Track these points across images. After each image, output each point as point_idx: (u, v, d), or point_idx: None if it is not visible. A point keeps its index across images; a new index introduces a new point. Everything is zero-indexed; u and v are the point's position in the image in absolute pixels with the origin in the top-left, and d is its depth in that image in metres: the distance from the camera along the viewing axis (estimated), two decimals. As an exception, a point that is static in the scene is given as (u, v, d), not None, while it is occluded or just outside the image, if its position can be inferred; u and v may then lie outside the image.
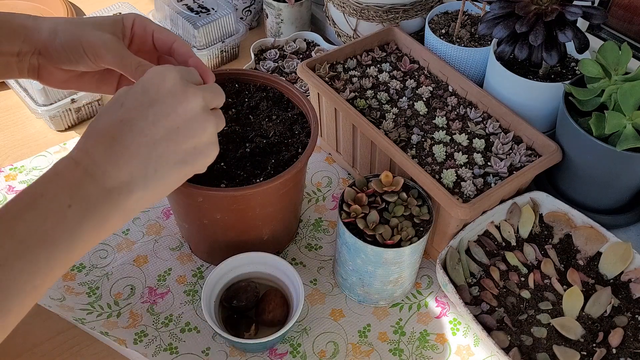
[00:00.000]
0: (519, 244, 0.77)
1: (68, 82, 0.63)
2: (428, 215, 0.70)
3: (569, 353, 0.67)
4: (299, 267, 0.80)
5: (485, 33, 0.81)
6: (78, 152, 0.47)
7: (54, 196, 0.44)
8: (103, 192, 0.45)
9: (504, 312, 0.71)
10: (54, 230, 0.43)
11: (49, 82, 0.62)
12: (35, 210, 0.43)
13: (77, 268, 0.79)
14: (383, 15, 0.97)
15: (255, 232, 0.74)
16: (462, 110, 0.85)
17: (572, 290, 0.71)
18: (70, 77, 0.62)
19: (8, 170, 0.91)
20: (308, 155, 0.70)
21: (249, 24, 1.18)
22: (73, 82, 0.63)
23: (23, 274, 0.42)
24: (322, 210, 0.88)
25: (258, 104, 0.78)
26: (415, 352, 0.72)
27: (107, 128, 0.47)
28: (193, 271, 0.79)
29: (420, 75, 0.91)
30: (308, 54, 1.07)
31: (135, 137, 0.47)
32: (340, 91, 0.86)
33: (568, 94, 0.77)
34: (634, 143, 0.70)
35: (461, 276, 0.73)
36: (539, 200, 0.79)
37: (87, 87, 0.64)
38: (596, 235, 0.76)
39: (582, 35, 0.77)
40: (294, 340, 0.73)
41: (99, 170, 0.46)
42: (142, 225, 0.84)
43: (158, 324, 0.74)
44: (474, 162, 0.77)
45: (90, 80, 0.64)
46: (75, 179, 0.45)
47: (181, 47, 0.60)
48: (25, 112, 1.00)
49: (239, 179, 0.69)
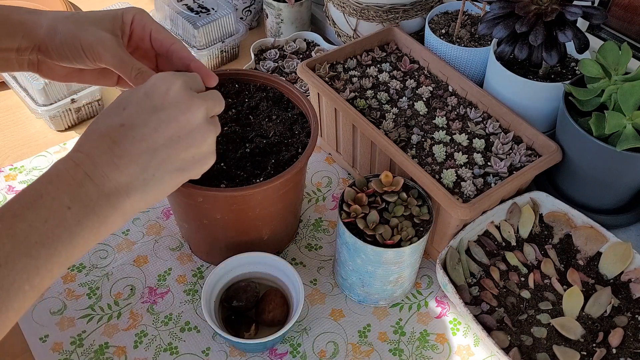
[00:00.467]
0: (519, 244, 0.77)
1: (68, 76, 0.63)
2: (428, 215, 0.70)
3: (569, 353, 0.67)
4: (299, 267, 0.80)
5: (485, 33, 0.81)
6: (78, 153, 0.47)
7: (54, 197, 0.44)
8: (102, 194, 0.46)
9: (504, 312, 0.71)
10: (53, 231, 0.44)
11: (48, 76, 0.62)
12: (36, 210, 0.43)
13: (77, 268, 0.79)
14: (383, 15, 0.97)
15: (255, 232, 0.74)
16: (462, 110, 0.85)
17: (572, 290, 0.71)
18: (71, 72, 0.62)
19: (8, 170, 0.91)
20: (308, 155, 0.70)
21: (249, 24, 1.18)
22: (73, 76, 0.63)
23: (23, 274, 0.42)
24: (322, 210, 0.88)
25: (258, 104, 0.78)
26: (415, 352, 0.72)
27: (108, 131, 0.47)
28: (193, 271, 0.79)
29: (420, 75, 0.91)
30: (308, 54, 1.07)
31: (136, 142, 0.47)
32: (340, 91, 0.86)
33: (568, 94, 0.77)
34: (634, 143, 0.70)
35: (461, 276, 0.73)
36: (539, 200, 0.79)
37: (88, 81, 0.64)
38: (596, 235, 0.76)
39: (582, 35, 0.77)
40: (294, 340, 0.73)
41: (99, 173, 0.46)
42: (142, 226, 0.84)
43: (158, 323, 0.74)
44: (474, 162, 0.77)
45: (91, 75, 0.63)
46: (75, 180, 0.45)
47: (181, 51, 0.60)
48: (25, 112, 1.00)
49: (239, 179, 0.69)
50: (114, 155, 0.46)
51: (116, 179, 0.46)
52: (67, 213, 0.44)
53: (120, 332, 0.73)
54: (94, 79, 0.64)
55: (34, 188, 0.45)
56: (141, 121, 0.48)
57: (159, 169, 0.48)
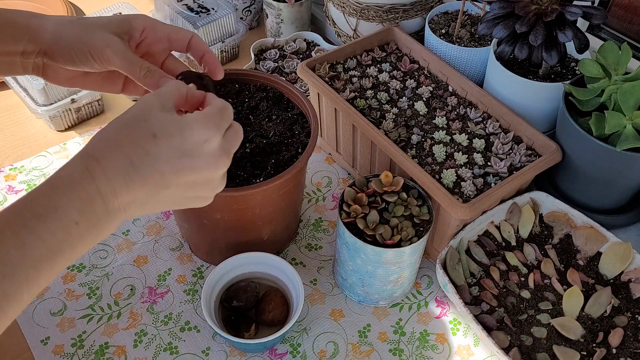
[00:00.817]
0: (519, 244, 0.77)
1: (73, 80, 0.63)
2: (428, 215, 0.70)
3: (569, 353, 0.67)
4: (299, 267, 0.80)
5: (485, 33, 0.81)
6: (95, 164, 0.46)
7: (65, 211, 0.44)
8: (107, 211, 0.46)
9: (504, 312, 0.71)
10: (59, 246, 0.44)
11: (54, 80, 0.62)
12: (47, 223, 0.44)
13: (77, 268, 0.79)
14: (383, 15, 0.97)
15: (255, 232, 0.74)
16: (462, 110, 0.85)
17: (572, 290, 0.71)
18: (76, 76, 0.62)
19: (8, 170, 0.91)
20: (308, 155, 0.70)
21: (249, 24, 1.18)
22: (78, 80, 0.63)
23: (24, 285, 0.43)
24: (322, 210, 0.88)
25: (258, 104, 0.78)
26: (415, 352, 0.72)
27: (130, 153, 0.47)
28: (193, 271, 0.79)
29: (420, 75, 0.91)
30: (308, 54, 1.07)
31: (154, 174, 0.47)
32: (340, 91, 0.86)
33: (568, 94, 0.77)
34: (634, 143, 0.70)
35: (461, 276, 0.73)
36: (539, 200, 0.79)
37: (93, 86, 0.64)
38: (596, 235, 0.76)
39: (582, 35, 0.77)
40: (294, 340, 0.73)
41: (111, 190, 0.46)
42: (142, 226, 0.84)
43: (158, 322, 0.74)
44: (474, 162, 0.77)
45: (96, 79, 0.64)
46: (88, 195, 0.45)
47: (198, 44, 0.61)
48: (25, 112, 1.00)
49: (239, 179, 0.69)
50: (129, 178, 0.46)
51: (122, 198, 0.47)
52: (74, 228, 0.44)
53: (120, 332, 0.73)
54: (98, 84, 0.64)
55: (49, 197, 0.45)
56: (166, 158, 0.47)
57: (164, 200, 0.49)
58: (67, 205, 0.44)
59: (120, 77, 0.64)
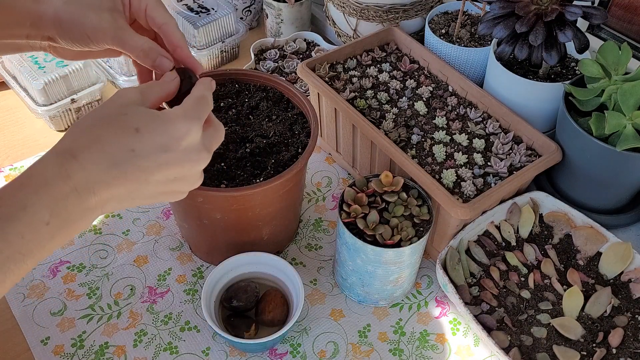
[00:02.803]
0: (519, 244, 0.77)
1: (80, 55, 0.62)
2: (428, 215, 0.70)
3: (569, 353, 0.67)
4: (299, 267, 0.80)
5: (485, 33, 0.81)
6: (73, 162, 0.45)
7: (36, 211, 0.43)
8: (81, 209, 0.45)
9: (504, 312, 0.71)
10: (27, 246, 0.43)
11: (62, 57, 0.63)
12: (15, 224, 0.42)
13: (77, 268, 0.79)
14: (383, 15, 0.97)
15: (255, 232, 0.74)
16: (462, 110, 0.85)
17: (572, 290, 0.71)
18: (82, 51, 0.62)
19: (8, 170, 0.91)
20: (308, 155, 0.70)
21: (249, 24, 1.18)
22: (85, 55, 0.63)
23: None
24: (322, 210, 0.88)
25: (258, 104, 0.78)
26: (415, 352, 0.72)
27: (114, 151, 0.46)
28: (193, 271, 0.79)
29: (420, 75, 0.91)
30: (308, 54, 1.07)
31: (136, 171, 0.47)
32: (340, 91, 0.86)
33: (568, 94, 0.77)
34: (634, 143, 0.70)
35: (461, 276, 0.73)
36: (539, 200, 0.79)
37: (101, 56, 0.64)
38: (596, 235, 0.76)
39: (582, 35, 0.77)
40: (294, 340, 0.73)
41: (89, 188, 0.45)
42: (142, 226, 0.84)
43: (157, 322, 0.74)
44: (474, 162, 0.77)
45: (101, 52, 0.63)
46: (61, 194, 0.44)
47: (171, 34, 0.57)
48: (25, 112, 1.00)
49: (239, 179, 0.69)
50: (110, 176, 0.45)
51: (101, 196, 0.46)
52: (44, 229, 0.43)
53: (120, 332, 0.73)
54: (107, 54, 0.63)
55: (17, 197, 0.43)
56: (148, 154, 0.47)
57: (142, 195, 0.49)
58: (38, 204, 0.43)
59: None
